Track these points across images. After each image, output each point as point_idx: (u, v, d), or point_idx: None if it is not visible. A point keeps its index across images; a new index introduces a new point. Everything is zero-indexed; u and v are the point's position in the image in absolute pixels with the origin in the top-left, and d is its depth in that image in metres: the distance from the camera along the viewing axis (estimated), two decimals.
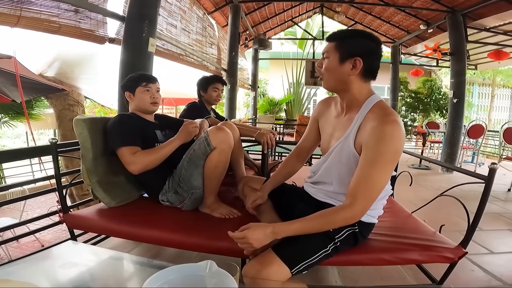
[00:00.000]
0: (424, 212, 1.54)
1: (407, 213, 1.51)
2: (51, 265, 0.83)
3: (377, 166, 0.91)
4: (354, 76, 0.99)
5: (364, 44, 0.99)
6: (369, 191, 0.92)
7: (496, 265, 1.75)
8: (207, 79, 2.09)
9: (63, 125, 3.57)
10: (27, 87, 3.24)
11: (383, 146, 0.91)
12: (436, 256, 1.10)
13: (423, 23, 5.66)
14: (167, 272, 0.59)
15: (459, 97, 4.81)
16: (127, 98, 1.49)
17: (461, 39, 4.81)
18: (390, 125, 0.91)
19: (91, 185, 1.35)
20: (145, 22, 2.32)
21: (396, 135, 0.91)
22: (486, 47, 5.80)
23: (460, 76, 4.81)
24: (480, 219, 1.15)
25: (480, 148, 5.89)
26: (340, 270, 1.59)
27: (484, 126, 5.38)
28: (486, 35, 5.32)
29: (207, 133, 1.30)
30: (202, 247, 1.16)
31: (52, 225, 1.58)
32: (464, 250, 1.12)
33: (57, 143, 1.37)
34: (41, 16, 2.10)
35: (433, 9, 5.08)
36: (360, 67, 0.97)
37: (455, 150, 4.94)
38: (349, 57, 0.98)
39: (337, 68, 1.00)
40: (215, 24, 5.62)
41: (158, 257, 1.68)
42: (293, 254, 0.91)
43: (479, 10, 4.55)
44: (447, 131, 5.05)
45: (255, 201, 1.20)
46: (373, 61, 1.00)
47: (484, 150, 6.81)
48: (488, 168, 1.13)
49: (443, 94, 8.69)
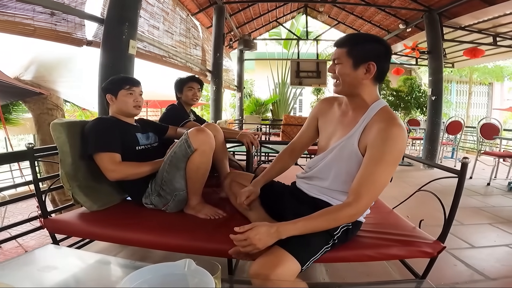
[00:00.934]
0: (407, 207, 1.57)
1: (389, 209, 1.54)
2: (33, 269, 0.81)
3: (382, 164, 0.94)
4: (368, 81, 1.02)
5: (376, 48, 1.01)
6: (373, 188, 0.94)
7: (478, 259, 1.78)
8: (181, 79, 2.08)
9: (42, 130, 3.45)
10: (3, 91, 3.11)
11: (389, 146, 0.94)
12: (416, 251, 1.12)
13: (402, 23, 5.82)
14: (144, 272, 0.58)
15: (437, 94, 4.95)
16: (109, 100, 1.46)
17: (438, 37, 4.96)
18: (396, 127, 0.95)
19: (71, 190, 1.32)
20: (125, 24, 2.30)
21: (401, 137, 0.95)
22: (462, 46, 5.99)
23: (438, 74, 4.96)
24: (456, 212, 1.17)
25: (459, 144, 6.11)
26: (328, 267, 1.61)
27: (462, 122, 5.58)
28: (462, 34, 5.49)
29: (187, 135, 1.29)
30: (188, 248, 1.16)
31: (33, 230, 1.54)
32: (443, 244, 1.14)
33: (34, 148, 1.33)
34: (16, 19, 2.06)
35: (411, 8, 5.22)
36: (374, 71, 1.00)
37: (435, 146, 5.08)
38: (362, 62, 1.00)
39: (351, 73, 1.01)
40: (199, 25, 5.59)
41: (145, 259, 1.67)
42: (304, 250, 0.91)
43: (454, 8, 4.69)
44: (427, 128, 5.17)
45: (249, 197, 1.19)
46: (384, 64, 1.03)
47: (463, 145, 7.08)
48: (461, 163, 1.16)
49: (422, 92, 8.96)
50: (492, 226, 2.37)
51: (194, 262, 0.61)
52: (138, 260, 0.95)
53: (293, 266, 0.87)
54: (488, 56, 6.29)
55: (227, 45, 6.54)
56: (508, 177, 4.08)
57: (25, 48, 3.21)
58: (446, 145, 6.15)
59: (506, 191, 3.55)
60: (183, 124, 1.90)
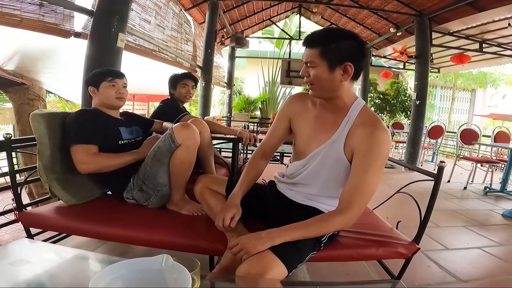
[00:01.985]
0: (387, 208, 1.60)
1: (369, 210, 1.57)
2: (5, 263, 0.79)
3: (372, 171, 0.93)
4: (346, 82, 0.97)
5: (351, 46, 0.93)
6: (364, 196, 0.94)
7: (451, 261, 1.82)
8: (176, 76, 2.09)
9: (22, 120, 3.35)
10: None
11: (376, 152, 0.93)
12: (392, 252, 1.15)
13: (393, 26, 5.92)
14: (118, 266, 0.57)
15: (421, 99, 5.05)
16: (91, 93, 1.44)
17: (426, 42, 5.05)
18: (381, 132, 0.94)
19: (48, 182, 1.29)
20: (115, 17, 2.27)
21: (387, 141, 0.94)
22: (448, 51, 6.10)
23: (423, 79, 5.06)
24: (431, 215, 1.20)
25: (439, 148, 6.29)
26: (309, 266, 1.62)
27: (443, 127, 5.74)
28: (449, 39, 5.59)
29: (171, 130, 1.29)
30: (169, 244, 1.15)
31: (7, 223, 1.49)
32: (417, 246, 1.16)
33: (12, 139, 1.29)
34: (3, 10, 2.01)
35: (403, 12, 5.30)
36: (352, 72, 0.93)
37: (416, 150, 5.19)
38: (338, 63, 0.92)
39: (328, 77, 0.94)
40: (191, 21, 5.53)
41: (124, 255, 1.64)
42: (293, 256, 0.91)
43: (444, 14, 4.78)
44: (409, 132, 5.27)
45: (233, 218, 1.03)
46: (361, 62, 0.95)
47: (443, 150, 7.29)
48: (437, 167, 1.19)
49: (408, 96, 9.16)
50: (466, 229, 2.44)
51: (171, 258, 0.60)
52: (117, 256, 0.94)
53: (281, 271, 0.87)
54: (474, 62, 6.43)
55: (219, 42, 6.49)
56: (485, 181, 4.22)
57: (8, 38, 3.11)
58: (427, 149, 6.31)
59: (482, 195, 3.67)
60: (181, 117, 1.91)
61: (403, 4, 5.12)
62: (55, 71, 3.41)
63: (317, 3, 6.22)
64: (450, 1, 4.46)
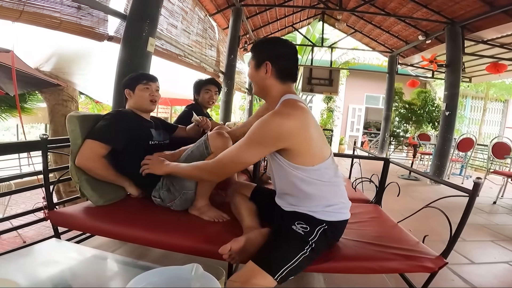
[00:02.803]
0: (410, 222, 1.55)
1: (393, 223, 1.52)
2: (33, 263, 0.81)
3: (242, 142, 1.01)
4: (271, 80, 1.08)
5: (271, 48, 1.09)
6: (228, 159, 1.03)
7: (476, 275, 1.78)
8: (200, 81, 2.13)
9: (55, 120, 3.53)
10: (23, 81, 3.21)
11: (254, 127, 1.00)
12: (417, 265, 1.12)
13: (421, 34, 5.72)
14: (151, 274, 0.58)
15: (452, 110, 4.85)
16: (127, 95, 1.53)
17: (458, 51, 4.85)
18: (272, 113, 0.99)
19: (79, 183, 1.34)
20: (146, 21, 2.33)
21: (268, 119, 0.98)
22: (481, 60, 5.83)
23: (454, 89, 4.86)
24: (462, 230, 1.18)
25: (468, 161, 5.98)
26: (326, 276, 1.61)
27: (474, 140, 5.46)
28: (483, 48, 5.35)
29: (206, 137, 1.32)
30: (188, 249, 1.16)
31: (36, 221, 1.56)
32: (445, 260, 1.14)
33: (48, 139, 1.35)
34: (44, 12, 2.09)
35: (433, 20, 5.12)
36: (271, 70, 1.06)
37: (444, 163, 4.98)
38: (260, 62, 1.08)
39: (255, 74, 1.11)
40: (216, 26, 5.64)
41: (143, 258, 1.67)
42: (272, 260, 0.94)
43: (478, 22, 4.59)
44: (437, 144, 5.08)
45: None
46: (283, 62, 1.08)
47: (472, 163, 6.92)
48: (473, 182, 1.16)
49: (436, 106, 8.80)
50: (494, 244, 2.36)
51: (201, 267, 0.61)
52: (136, 258, 0.96)
53: (264, 278, 0.90)
54: (509, 71, 6.10)
55: (241, 48, 6.58)
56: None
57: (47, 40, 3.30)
58: (455, 162, 6.03)
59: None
60: None
61: (433, 11, 4.96)
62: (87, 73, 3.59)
63: (341, 10, 6.15)
64: (484, 9, 4.28)
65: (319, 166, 1.05)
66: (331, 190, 1.10)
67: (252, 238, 1.06)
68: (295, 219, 1.07)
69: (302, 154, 1.03)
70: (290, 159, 1.04)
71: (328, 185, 1.08)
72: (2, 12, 1.83)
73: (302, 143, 1.01)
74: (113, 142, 1.37)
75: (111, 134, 1.36)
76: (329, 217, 1.08)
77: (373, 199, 1.89)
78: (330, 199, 1.09)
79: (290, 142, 1.00)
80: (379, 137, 7.84)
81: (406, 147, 8.56)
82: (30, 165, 5.87)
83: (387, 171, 1.86)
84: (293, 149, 1.01)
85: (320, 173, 1.06)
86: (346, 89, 11.21)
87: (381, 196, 1.85)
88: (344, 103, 11.43)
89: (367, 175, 2.01)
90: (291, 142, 1.00)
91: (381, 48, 7.70)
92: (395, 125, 9.13)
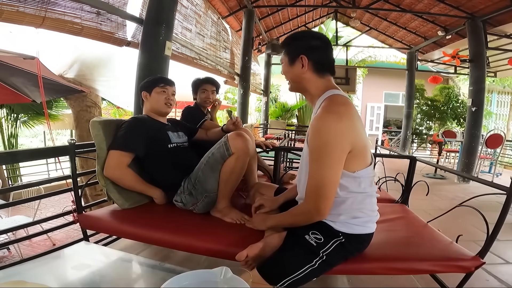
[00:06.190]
0: (438, 221, 1.50)
1: (423, 223, 1.47)
2: (63, 266, 0.83)
3: (312, 162, 0.94)
4: (308, 74, 1.03)
5: (304, 41, 1.05)
6: (314, 187, 0.94)
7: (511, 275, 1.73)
8: (196, 81, 2.08)
9: (80, 126, 3.66)
10: (49, 88, 3.33)
11: (312, 141, 0.93)
12: (452, 266, 1.09)
13: (441, 29, 5.55)
14: (182, 278, 0.59)
15: (478, 105, 4.68)
16: (143, 97, 1.55)
17: (481, 45, 4.69)
18: (319, 120, 0.92)
19: (106, 186, 1.37)
20: (162, 25, 2.36)
21: (322, 128, 0.91)
22: (506, 54, 5.63)
23: (480, 84, 4.69)
24: (500, 229, 1.15)
25: (498, 158, 5.70)
26: (350, 277, 1.58)
27: (503, 136, 5.20)
28: (507, 42, 5.18)
29: (227, 138, 1.31)
30: (211, 251, 1.16)
31: (66, 225, 1.61)
32: (482, 260, 1.12)
33: (75, 144, 1.40)
34: (65, 18, 2.15)
35: (452, 15, 4.98)
36: (307, 63, 1.02)
37: (472, 160, 4.80)
38: (295, 57, 1.03)
39: (290, 70, 1.06)
40: (229, 29, 5.67)
41: (167, 259, 1.69)
42: (275, 271, 0.93)
43: (499, 16, 4.46)
44: (464, 140, 4.92)
45: (259, 207, 1.25)
46: (318, 53, 1.03)
47: (501, 160, 6.58)
48: (510, 179, 1.12)
49: (460, 102, 8.43)
50: None
51: (230, 270, 0.61)
52: (160, 260, 0.97)
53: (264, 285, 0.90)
54: None
55: (255, 49, 6.58)
56: None
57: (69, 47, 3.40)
58: (483, 159, 5.75)
59: None
60: (200, 124, 1.91)
61: (452, 6, 4.80)
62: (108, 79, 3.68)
63: (354, 7, 6.03)
64: (505, 3, 4.13)
65: (359, 174, 0.97)
66: (362, 201, 1.00)
67: (270, 243, 1.03)
68: (310, 227, 0.99)
69: (354, 157, 0.94)
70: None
71: (360, 195, 0.99)
72: (26, 19, 1.90)
73: (358, 143, 0.93)
74: (134, 149, 1.39)
75: (131, 141, 1.38)
76: (350, 229, 0.99)
77: (399, 198, 1.83)
78: (357, 211, 1.00)
79: (352, 143, 0.92)
80: (401, 135, 7.62)
81: (430, 145, 8.24)
82: (57, 170, 6.09)
83: (413, 169, 1.79)
84: (351, 151, 0.93)
85: (358, 181, 0.97)
86: (363, 88, 11.02)
87: (408, 195, 1.79)
88: (362, 101, 11.22)
89: (390, 174, 1.94)
90: (353, 143, 0.92)
91: (398, 45, 7.49)
92: (417, 122, 8.83)
